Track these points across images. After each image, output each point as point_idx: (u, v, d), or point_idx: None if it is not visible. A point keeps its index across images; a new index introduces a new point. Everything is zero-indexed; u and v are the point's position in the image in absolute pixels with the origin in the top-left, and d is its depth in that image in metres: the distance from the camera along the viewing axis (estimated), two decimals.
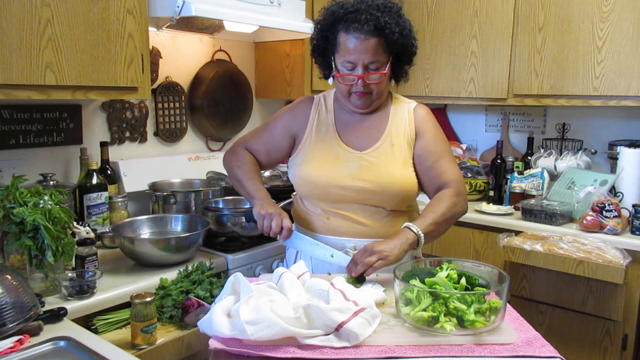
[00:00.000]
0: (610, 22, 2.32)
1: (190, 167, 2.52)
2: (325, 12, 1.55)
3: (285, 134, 1.68)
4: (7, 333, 1.19)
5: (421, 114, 1.62)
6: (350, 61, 1.50)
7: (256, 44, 2.90)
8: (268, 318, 1.06)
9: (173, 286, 1.63)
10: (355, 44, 1.47)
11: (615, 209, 2.17)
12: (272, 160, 1.74)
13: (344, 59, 1.50)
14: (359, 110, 1.60)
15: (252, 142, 1.75)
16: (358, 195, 1.53)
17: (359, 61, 1.48)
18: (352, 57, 1.48)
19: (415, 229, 1.42)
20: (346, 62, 1.50)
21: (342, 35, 1.50)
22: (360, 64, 1.49)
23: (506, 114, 3.05)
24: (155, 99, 2.44)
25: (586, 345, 2.14)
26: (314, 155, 1.59)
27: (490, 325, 1.11)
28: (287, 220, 1.51)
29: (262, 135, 1.73)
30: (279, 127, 1.70)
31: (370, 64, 1.49)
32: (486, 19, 2.67)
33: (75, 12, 1.69)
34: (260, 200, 1.57)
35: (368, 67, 1.50)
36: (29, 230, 1.43)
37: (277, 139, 1.69)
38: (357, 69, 1.50)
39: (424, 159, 1.57)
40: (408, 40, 1.53)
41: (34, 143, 2.02)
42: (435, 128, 1.62)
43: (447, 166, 1.57)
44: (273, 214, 1.50)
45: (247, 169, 1.68)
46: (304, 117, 1.66)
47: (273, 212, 1.50)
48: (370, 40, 1.46)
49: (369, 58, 1.48)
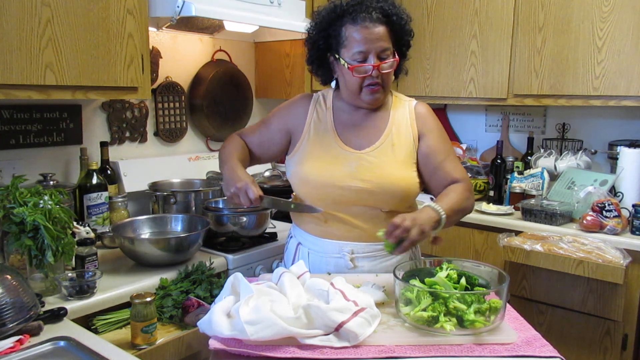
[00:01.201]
0: (610, 22, 2.32)
1: (190, 167, 2.52)
2: (323, 10, 1.54)
3: (280, 129, 1.66)
4: (7, 333, 1.19)
5: (423, 112, 1.61)
6: (362, 51, 1.47)
7: (256, 44, 2.90)
8: (268, 318, 1.06)
9: (173, 286, 1.64)
10: (365, 33, 1.46)
11: (615, 209, 2.17)
12: (264, 153, 1.71)
13: (354, 51, 1.48)
14: (369, 106, 1.57)
15: (247, 133, 1.74)
16: (357, 196, 1.52)
17: (372, 50, 1.47)
18: (364, 47, 1.46)
19: (437, 208, 1.37)
20: (357, 53, 1.48)
21: (350, 28, 1.48)
22: (373, 53, 1.47)
23: (506, 114, 3.05)
24: (155, 99, 2.44)
25: (586, 345, 2.14)
26: (313, 155, 1.58)
27: (490, 325, 1.11)
28: (253, 189, 1.44)
29: (258, 127, 1.73)
30: (274, 122, 1.68)
31: (382, 52, 1.48)
32: (486, 19, 2.67)
33: (75, 12, 1.69)
34: (224, 174, 1.53)
35: (379, 56, 1.48)
36: (29, 230, 1.43)
37: (272, 133, 1.67)
38: (369, 58, 1.48)
39: (431, 158, 1.56)
40: (409, 28, 1.56)
41: (34, 143, 2.02)
42: (439, 126, 1.61)
43: (453, 165, 1.56)
44: (240, 189, 1.45)
45: (231, 148, 1.65)
46: (302, 114, 1.64)
47: (240, 187, 1.45)
48: (379, 27, 1.47)
49: (381, 46, 1.47)
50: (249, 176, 1.51)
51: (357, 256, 1.54)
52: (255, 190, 1.44)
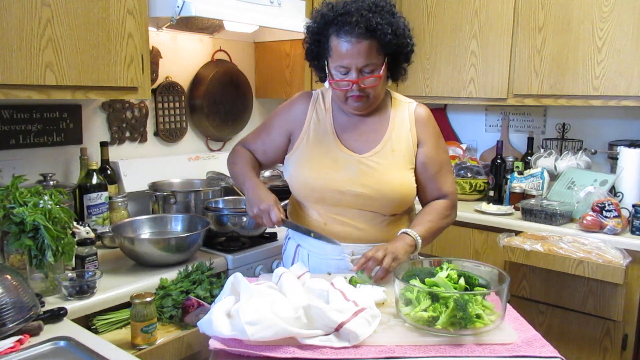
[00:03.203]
0: (610, 22, 2.32)
1: (190, 167, 2.52)
2: (316, 15, 1.51)
3: (281, 132, 1.65)
4: (7, 333, 1.19)
5: (422, 117, 1.59)
6: (343, 66, 1.45)
7: (256, 44, 2.90)
8: (268, 318, 1.06)
9: (173, 286, 1.63)
10: (347, 48, 1.43)
11: (615, 209, 2.17)
12: (270, 159, 1.72)
13: (337, 64, 1.46)
14: (356, 112, 1.57)
15: (250, 142, 1.74)
16: (357, 201, 1.51)
17: (352, 65, 1.44)
18: (345, 61, 1.44)
19: (412, 234, 1.47)
20: (339, 67, 1.46)
21: (334, 40, 1.45)
22: (354, 68, 1.44)
23: (506, 114, 3.05)
24: (155, 99, 2.44)
25: (586, 345, 2.14)
26: (312, 157, 1.56)
27: (490, 325, 1.11)
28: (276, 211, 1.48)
29: (259, 134, 1.72)
30: (275, 126, 1.67)
31: (364, 67, 1.45)
32: (486, 19, 2.67)
33: (75, 12, 1.69)
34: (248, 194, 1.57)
35: (362, 70, 1.45)
36: (29, 230, 1.43)
37: (274, 138, 1.67)
38: (350, 73, 1.46)
39: (428, 167, 1.57)
40: (403, 40, 1.48)
41: (34, 143, 2.02)
42: (437, 133, 1.61)
43: (445, 178, 1.61)
44: (264, 212, 1.49)
45: (243, 163, 1.67)
46: (301, 114, 1.62)
47: (264, 209, 1.49)
48: (362, 43, 1.42)
49: (362, 62, 1.43)
50: (271, 197, 1.53)
51: (357, 258, 1.52)
52: (278, 214, 1.48)
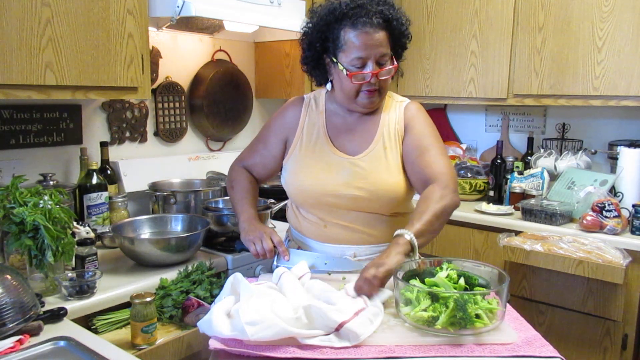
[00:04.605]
0: (610, 22, 2.32)
1: (190, 167, 2.52)
2: (321, 11, 1.49)
3: (277, 140, 1.63)
4: (7, 333, 1.19)
5: (411, 112, 1.56)
6: (361, 57, 1.43)
7: (256, 44, 2.90)
8: (268, 318, 1.06)
9: (173, 286, 1.63)
10: (365, 38, 1.42)
11: (615, 209, 2.17)
12: (270, 171, 1.70)
13: (353, 57, 1.43)
14: (365, 110, 1.54)
15: (247, 158, 1.73)
16: (353, 203, 1.50)
17: (371, 56, 1.43)
18: (363, 53, 1.42)
19: (408, 236, 1.33)
20: (356, 59, 1.43)
21: (349, 32, 1.43)
22: (372, 59, 1.43)
23: (506, 114, 3.05)
24: (155, 99, 2.44)
25: (586, 345, 2.14)
26: (306, 163, 1.55)
27: (490, 325, 1.11)
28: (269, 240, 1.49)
29: (256, 148, 1.70)
30: (271, 135, 1.65)
31: (381, 58, 1.45)
32: (486, 19, 2.67)
33: (75, 12, 1.69)
34: (243, 224, 1.57)
35: (378, 62, 1.45)
36: (29, 230, 1.43)
37: (272, 148, 1.65)
38: (368, 65, 1.44)
39: (409, 154, 1.52)
40: (407, 33, 1.53)
41: (34, 143, 2.02)
42: (423, 122, 1.55)
43: (433, 159, 1.48)
44: (256, 238, 1.50)
45: (239, 188, 1.68)
46: (294, 119, 1.61)
47: (257, 236, 1.50)
48: (379, 33, 1.43)
49: (380, 52, 1.43)
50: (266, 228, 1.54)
51: (360, 259, 1.52)
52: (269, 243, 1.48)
